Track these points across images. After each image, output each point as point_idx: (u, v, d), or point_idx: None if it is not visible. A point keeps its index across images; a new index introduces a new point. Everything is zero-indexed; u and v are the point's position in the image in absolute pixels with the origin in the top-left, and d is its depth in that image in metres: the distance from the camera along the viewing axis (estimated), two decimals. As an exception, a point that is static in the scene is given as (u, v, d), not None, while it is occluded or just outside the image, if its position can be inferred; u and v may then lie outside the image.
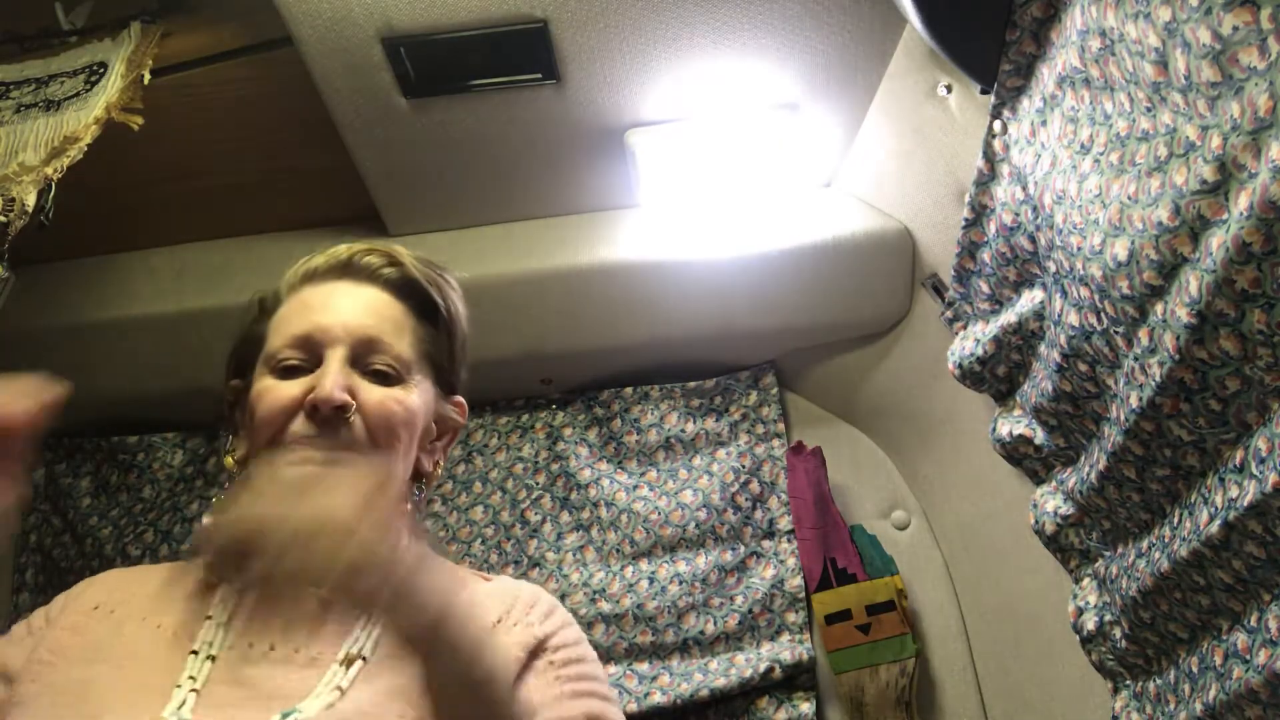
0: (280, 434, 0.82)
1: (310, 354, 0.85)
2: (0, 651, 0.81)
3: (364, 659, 0.79)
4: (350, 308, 0.88)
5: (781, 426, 1.75)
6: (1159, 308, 0.84)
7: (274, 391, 0.84)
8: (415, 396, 0.87)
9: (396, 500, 0.71)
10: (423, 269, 0.94)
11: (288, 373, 0.85)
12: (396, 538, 0.62)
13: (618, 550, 1.67)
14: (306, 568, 0.58)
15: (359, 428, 0.82)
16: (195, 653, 0.78)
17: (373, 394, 0.84)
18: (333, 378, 0.82)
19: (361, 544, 0.59)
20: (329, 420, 0.81)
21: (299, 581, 0.59)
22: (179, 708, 0.73)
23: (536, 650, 0.83)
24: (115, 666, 0.77)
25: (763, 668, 1.53)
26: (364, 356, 0.86)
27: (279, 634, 0.80)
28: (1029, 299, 1.14)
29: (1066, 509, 1.17)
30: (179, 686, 0.75)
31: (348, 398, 0.82)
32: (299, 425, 0.82)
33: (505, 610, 0.85)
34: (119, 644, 0.79)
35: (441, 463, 0.95)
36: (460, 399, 0.98)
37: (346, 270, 0.92)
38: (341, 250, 0.93)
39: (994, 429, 1.29)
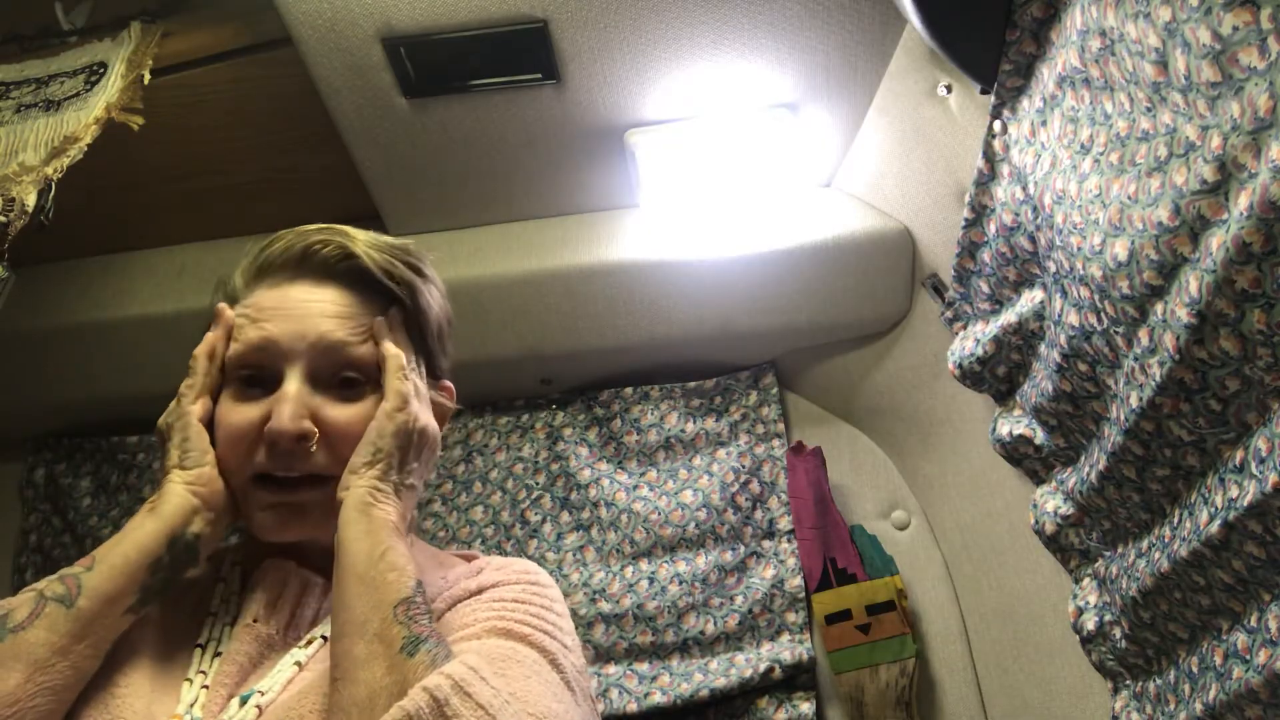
0: (244, 466, 0.79)
1: (268, 367, 0.81)
2: None
3: (324, 638, 0.77)
4: (307, 314, 0.82)
5: (781, 426, 1.75)
6: (1159, 308, 0.84)
7: (232, 416, 0.80)
8: None
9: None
10: (381, 257, 0.87)
11: (247, 384, 0.81)
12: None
13: (618, 550, 1.67)
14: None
15: (321, 457, 0.78)
16: (201, 647, 0.78)
17: (337, 417, 0.80)
18: (289, 406, 0.77)
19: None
20: (290, 452, 0.77)
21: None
22: (191, 705, 0.73)
23: (466, 597, 0.80)
24: (133, 668, 0.77)
25: (763, 668, 1.53)
26: (326, 369, 0.81)
27: (264, 609, 0.80)
28: (1029, 299, 1.14)
29: (1066, 509, 1.17)
30: (189, 681, 0.76)
31: (306, 426, 0.77)
32: (260, 458, 0.78)
33: (459, 578, 0.83)
34: (136, 640, 0.79)
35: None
36: (447, 383, 0.93)
37: (301, 267, 0.85)
38: (295, 242, 0.87)
39: (994, 429, 1.29)
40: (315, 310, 0.83)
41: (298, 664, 0.75)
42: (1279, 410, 0.78)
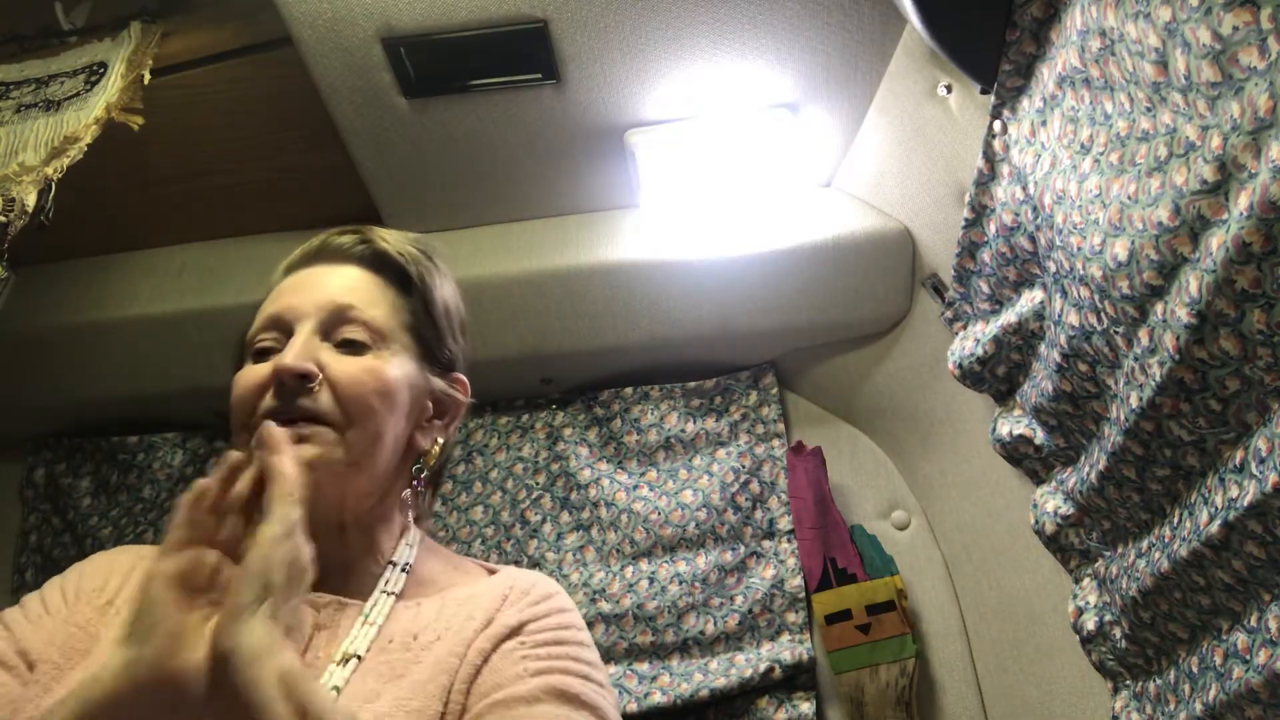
0: (252, 413, 0.81)
1: (283, 334, 0.84)
2: (21, 635, 0.79)
3: (359, 658, 0.78)
4: (322, 285, 0.87)
5: (781, 426, 1.75)
6: (1159, 308, 0.84)
7: (246, 374, 0.83)
8: (392, 367, 0.85)
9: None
10: (395, 243, 0.92)
11: (262, 355, 0.84)
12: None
13: (618, 550, 1.67)
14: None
15: (325, 399, 0.80)
16: None
17: (342, 364, 0.82)
18: (295, 348, 0.81)
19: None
20: (295, 391, 0.80)
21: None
22: None
23: (508, 636, 0.80)
24: None
25: (763, 668, 1.53)
26: (335, 327, 0.84)
27: None
28: (1029, 299, 1.14)
29: (1066, 509, 1.17)
30: None
31: (311, 366, 0.80)
32: (267, 400, 0.81)
33: (496, 609, 0.83)
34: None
35: (441, 441, 0.92)
36: (461, 376, 0.95)
37: (320, 255, 0.92)
38: (315, 240, 0.93)
39: (994, 429, 1.29)
40: (328, 283, 0.88)
41: (335, 689, 0.74)
42: (1279, 410, 0.78)
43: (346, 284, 0.88)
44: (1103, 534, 1.13)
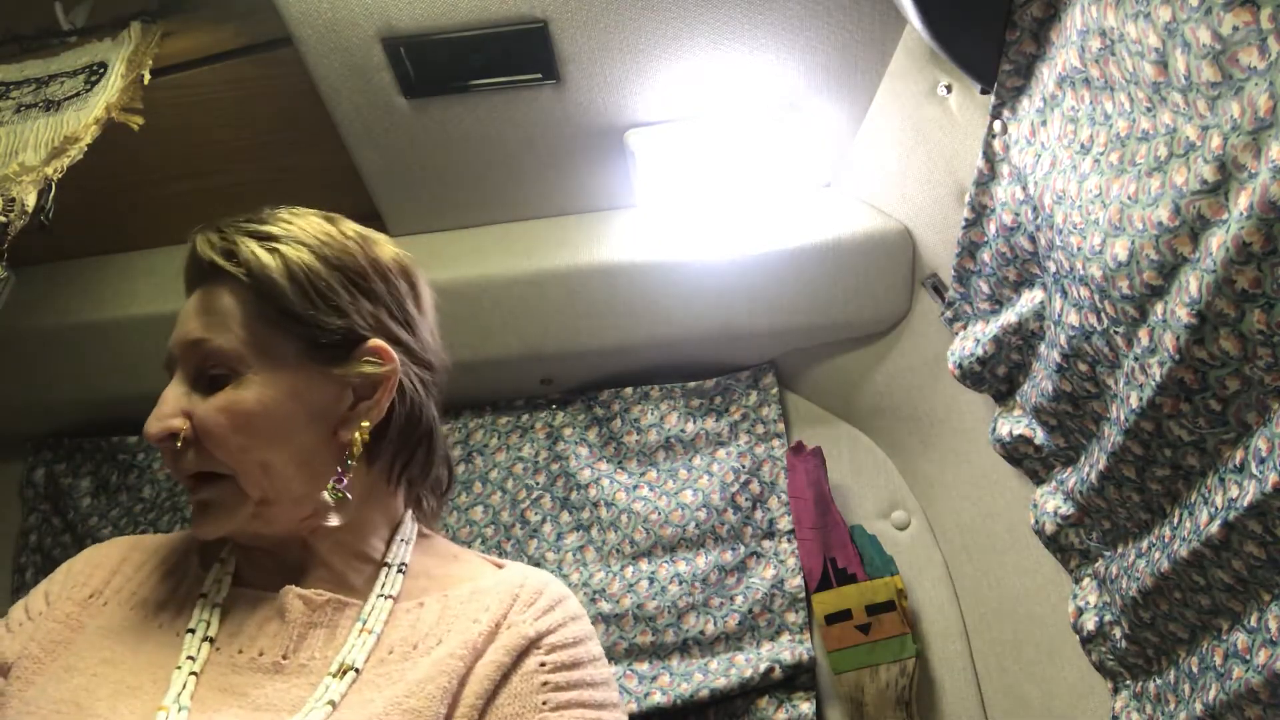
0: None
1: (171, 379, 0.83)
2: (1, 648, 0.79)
3: (356, 671, 0.76)
4: (182, 320, 0.84)
5: (781, 426, 1.75)
6: (1159, 308, 0.84)
7: None
8: (250, 394, 0.78)
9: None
10: (223, 242, 0.83)
11: None
12: None
13: (618, 550, 1.67)
14: None
15: (191, 456, 0.78)
16: (192, 631, 0.77)
17: (203, 410, 0.78)
18: (161, 407, 0.79)
19: None
20: (173, 451, 0.78)
21: None
22: (179, 693, 0.72)
23: (527, 650, 0.79)
24: (108, 664, 0.76)
25: (763, 668, 1.53)
26: (199, 368, 0.81)
27: (268, 638, 0.78)
28: (1029, 299, 1.14)
29: (1066, 509, 1.17)
30: (178, 668, 0.74)
31: (170, 425, 0.77)
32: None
33: (504, 611, 0.82)
34: (111, 639, 0.78)
35: (369, 424, 0.83)
36: (375, 343, 0.83)
37: (188, 281, 0.87)
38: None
39: (994, 429, 1.29)
40: (185, 316, 0.84)
41: (331, 703, 0.73)
42: (1279, 410, 0.78)
43: (200, 311, 0.82)
44: (1103, 534, 1.13)
